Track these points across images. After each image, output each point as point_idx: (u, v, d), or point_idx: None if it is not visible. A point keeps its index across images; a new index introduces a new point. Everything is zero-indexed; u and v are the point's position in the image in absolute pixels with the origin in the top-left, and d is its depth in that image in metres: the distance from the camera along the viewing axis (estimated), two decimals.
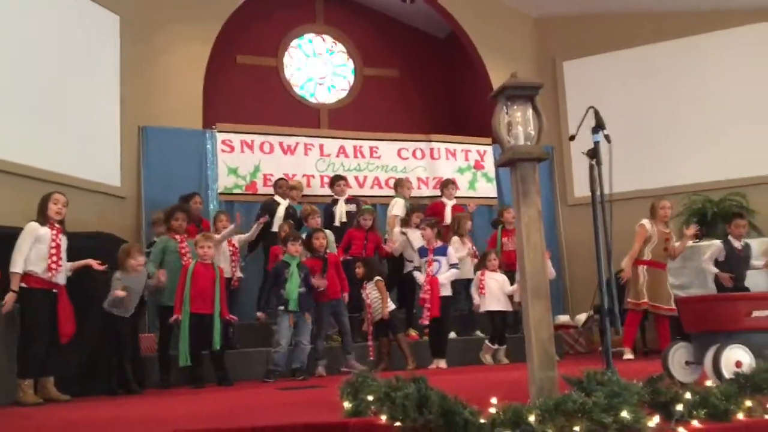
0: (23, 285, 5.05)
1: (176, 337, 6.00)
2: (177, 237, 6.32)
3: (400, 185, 8.46)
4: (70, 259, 5.39)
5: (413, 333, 7.29)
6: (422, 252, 6.97)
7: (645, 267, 6.69)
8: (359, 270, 6.80)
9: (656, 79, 9.38)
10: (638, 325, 6.82)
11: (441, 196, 8.53)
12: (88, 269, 5.51)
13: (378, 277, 6.83)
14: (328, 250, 6.79)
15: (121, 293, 5.52)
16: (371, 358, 6.60)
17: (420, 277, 6.88)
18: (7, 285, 5.05)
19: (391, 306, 6.79)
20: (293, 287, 6.11)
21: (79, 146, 7.15)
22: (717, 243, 7.03)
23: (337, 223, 7.73)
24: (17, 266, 5.02)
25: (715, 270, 6.86)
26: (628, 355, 6.57)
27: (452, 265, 6.92)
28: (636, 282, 6.66)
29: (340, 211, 7.87)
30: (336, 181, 8.14)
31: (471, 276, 7.34)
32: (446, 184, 8.54)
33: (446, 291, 6.81)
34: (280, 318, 6.10)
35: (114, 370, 5.58)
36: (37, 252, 5.09)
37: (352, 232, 7.43)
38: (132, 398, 5.17)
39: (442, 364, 6.65)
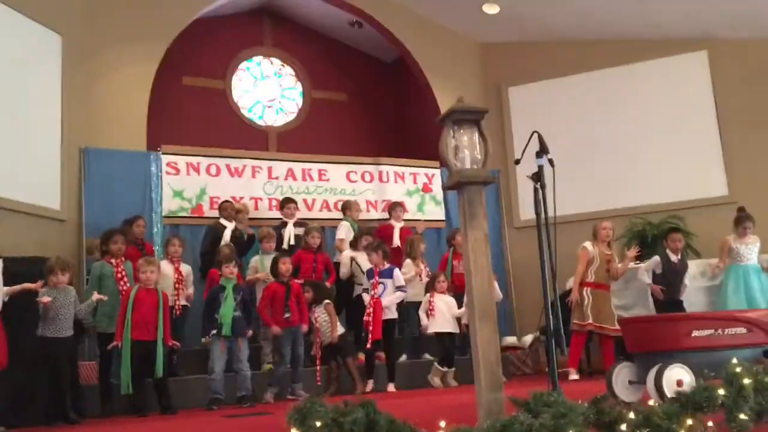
0: None
1: (117, 364, 5.85)
2: (113, 261, 6.17)
3: (348, 208, 8.46)
4: (7, 284, 5.19)
5: (362, 356, 7.25)
6: (370, 274, 6.97)
7: (589, 289, 6.83)
8: (308, 294, 6.74)
9: (598, 105, 9.65)
10: (583, 346, 6.96)
11: (389, 219, 8.56)
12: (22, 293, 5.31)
13: (327, 301, 6.78)
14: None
15: (46, 299, 5.35)
16: (319, 383, 6.53)
17: (368, 299, 6.86)
18: None
19: (341, 329, 6.75)
20: (228, 311, 6.01)
21: (16, 168, 6.91)
22: (655, 257, 7.27)
23: (285, 246, 7.67)
24: None
25: (649, 281, 7.12)
26: (574, 376, 6.67)
27: (398, 288, 6.94)
28: (581, 304, 6.80)
29: (289, 233, 7.81)
30: (286, 203, 8.09)
31: (420, 299, 7.36)
32: (394, 207, 8.59)
33: (391, 314, 6.82)
34: (213, 344, 5.99)
35: (52, 399, 5.35)
36: None
37: (300, 254, 7.37)
38: (71, 429, 4.98)
39: (391, 387, 6.63)
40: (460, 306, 7.05)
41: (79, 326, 6.07)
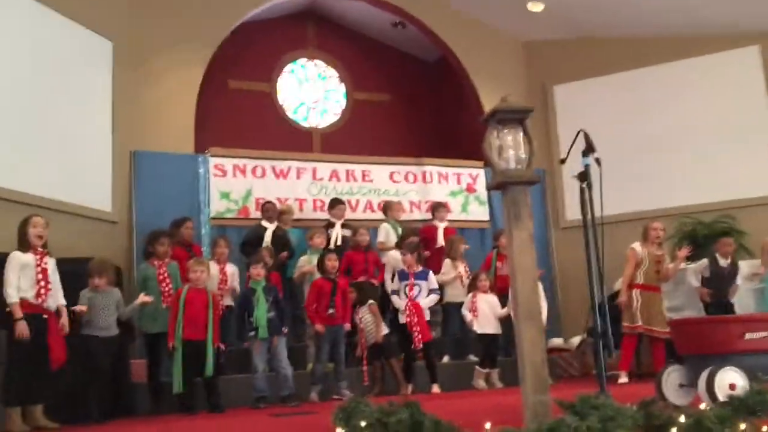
0: (9, 310, 4.99)
1: (166, 363, 5.98)
2: (156, 263, 6.29)
3: (389, 208, 8.46)
4: (65, 284, 5.35)
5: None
6: (402, 276, 6.95)
7: (638, 291, 6.70)
8: (352, 295, 6.78)
9: (646, 103, 9.46)
10: (634, 348, 6.80)
11: (432, 219, 8.55)
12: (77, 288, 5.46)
13: (371, 301, 6.80)
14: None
15: (79, 308, 5.47)
16: (366, 383, 6.55)
17: (398, 301, 6.85)
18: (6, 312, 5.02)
19: (385, 330, 6.76)
20: (261, 313, 6.06)
21: (70, 172, 7.13)
22: (704, 260, 7.10)
23: (332, 246, 7.71)
24: (13, 296, 4.97)
25: (697, 284, 6.96)
26: (624, 379, 6.54)
27: (432, 290, 6.93)
28: (630, 306, 6.67)
29: (336, 234, 7.86)
30: (336, 204, 8.15)
31: (462, 299, 7.32)
32: (437, 207, 8.57)
33: (426, 316, 6.81)
34: (252, 345, 6.07)
35: (92, 398, 5.43)
36: (24, 279, 5.04)
37: (350, 255, 7.40)
38: (126, 426, 5.11)
39: (436, 388, 6.62)
40: (503, 306, 7.00)
41: (128, 326, 6.23)
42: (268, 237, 7.58)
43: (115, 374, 5.72)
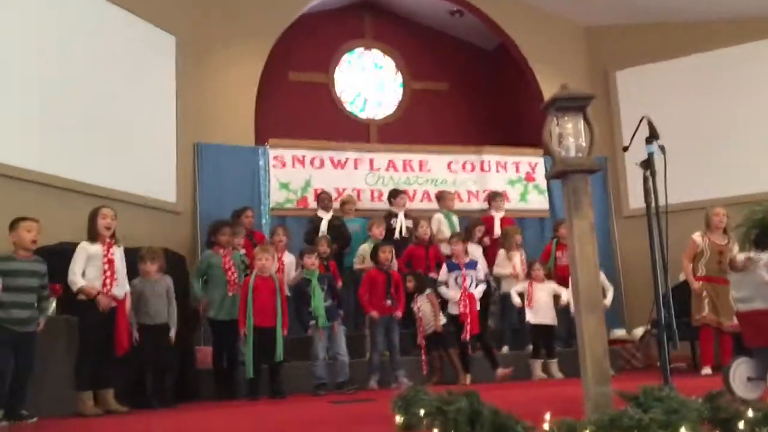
0: (82, 298, 5.19)
1: (228, 348, 6.13)
2: (221, 251, 6.42)
3: (441, 198, 8.44)
4: (130, 274, 5.52)
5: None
6: (451, 266, 6.93)
7: (704, 283, 6.48)
8: (410, 284, 6.80)
9: (711, 88, 9.15)
10: (712, 340, 6.54)
11: (489, 209, 8.48)
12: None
13: (429, 290, 6.81)
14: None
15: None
16: (424, 373, 6.58)
17: (450, 293, 6.82)
18: (67, 298, 5.22)
19: (443, 320, 6.76)
20: (318, 302, 6.16)
21: (135, 163, 7.35)
22: None
23: (397, 236, 7.75)
24: (78, 281, 5.16)
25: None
26: (707, 371, 6.34)
27: (479, 281, 6.91)
28: (698, 297, 6.45)
29: (401, 224, 7.89)
30: (397, 194, 8.17)
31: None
32: (494, 197, 8.49)
33: (477, 306, 6.80)
34: (314, 333, 6.16)
35: (152, 383, 5.53)
36: (91, 270, 5.22)
37: (412, 249, 7.42)
38: (189, 411, 5.26)
39: (500, 371, 6.62)
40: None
41: (194, 313, 6.41)
42: (324, 226, 7.67)
43: (173, 361, 5.79)
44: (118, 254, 5.40)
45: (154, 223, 7.46)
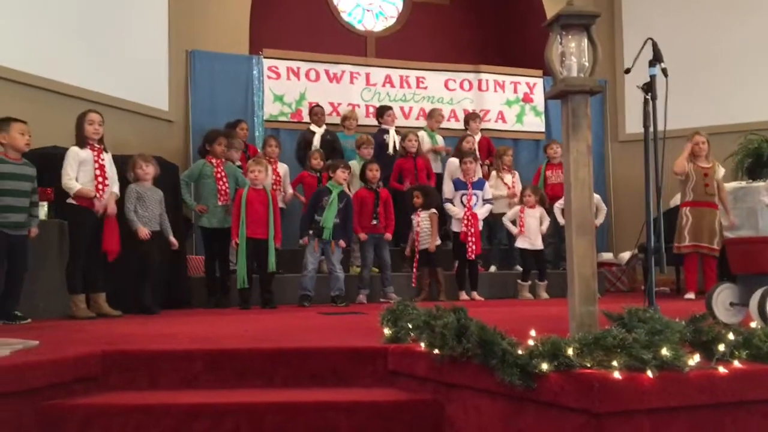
0: (72, 202, 5.17)
1: (220, 257, 6.21)
2: (213, 161, 6.39)
3: (429, 116, 8.35)
4: (121, 182, 5.49)
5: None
6: (458, 184, 6.94)
7: (688, 209, 6.53)
8: (418, 200, 6.76)
9: (718, 12, 8.94)
10: (696, 267, 6.61)
11: (466, 130, 8.36)
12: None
13: (433, 210, 6.82)
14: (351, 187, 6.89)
15: (143, 231, 5.50)
16: (414, 285, 6.67)
17: (455, 210, 6.86)
18: (59, 202, 5.21)
19: (438, 241, 6.80)
20: (330, 216, 6.16)
21: (127, 69, 7.20)
22: None
23: (390, 152, 7.71)
24: (75, 186, 5.12)
25: None
26: (690, 296, 6.46)
27: (486, 201, 6.95)
28: (680, 225, 6.54)
29: (393, 139, 7.83)
30: (385, 111, 8.07)
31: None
32: (472, 117, 8.37)
33: (479, 226, 6.90)
34: (309, 244, 6.20)
35: (145, 290, 5.57)
36: (83, 175, 5.17)
37: (400, 162, 7.42)
38: (181, 317, 5.35)
39: (476, 295, 6.74)
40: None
41: (186, 222, 6.42)
42: (316, 141, 7.60)
43: (166, 267, 5.87)
44: (107, 159, 5.34)
45: (146, 131, 7.39)
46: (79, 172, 5.17)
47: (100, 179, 5.22)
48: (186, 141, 8.07)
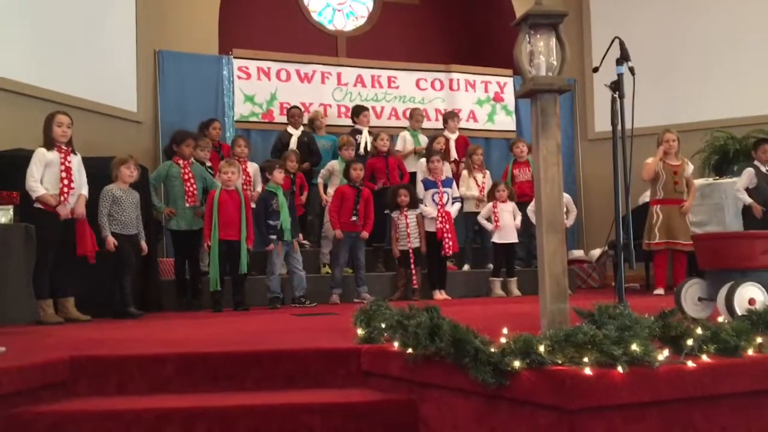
0: (38, 206, 5.08)
1: (190, 259, 6.15)
2: (180, 162, 6.32)
3: (411, 116, 8.36)
4: (89, 184, 5.41)
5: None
6: (428, 184, 6.97)
7: (658, 206, 6.60)
8: (405, 198, 6.73)
9: (683, 12, 9.08)
10: (665, 264, 6.67)
11: (444, 129, 8.38)
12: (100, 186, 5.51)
13: (419, 210, 6.83)
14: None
15: (110, 241, 5.44)
16: (398, 285, 6.70)
17: (428, 210, 6.88)
18: (24, 206, 5.11)
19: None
20: (285, 217, 6.16)
21: (94, 70, 7.10)
22: (749, 169, 6.79)
23: (362, 152, 7.69)
24: (38, 189, 5.04)
25: (749, 200, 6.66)
26: (659, 291, 6.54)
27: (455, 199, 7.00)
28: (650, 222, 6.60)
29: (365, 140, 7.82)
30: (360, 111, 8.06)
31: (480, 208, 7.36)
32: (450, 116, 8.39)
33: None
34: (275, 248, 6.16)
35: (116, 293, 5.50)
36: (48, 177, 5.10)
37: (372, 162, 7.42)
38: (152, 320, 5.29)
39: (444, 294, 6.76)
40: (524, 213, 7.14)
41: (157, 225, 6.34)
42: (293, 143, 7.56)
43: (137, 270, 5.81)
44: (75, 162, 5.27)
45: (114, 132, 7.29)
46: (44, 174, 5.09)
47: (65, 182, 5.14)
48: (155, 142, 7.97)
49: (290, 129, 7.77)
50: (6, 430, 2.49)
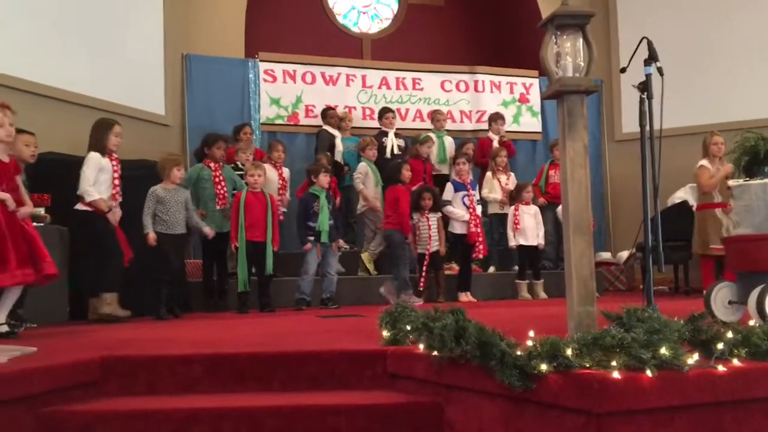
0: (85, 208, 5.17)
1: (219, 261, 6.20)
2: (211, 165, 6.37)
3: (432, 118, 8.36)
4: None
5: (455, 266, 7.29)
6: (457, 186, 6.97)
7: (720, 210, 6.39)
8: (429, 201, 6.71)
9: (712, 10, 8.94)
10: (713, 268, 6.40)
11: (488, 131, 8.40)
12: (135, 192, 5.60)
13: (440, 213, 6.83)
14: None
15: (152, 237, 5.56)
16: (421, 288, 6.66)
17: (458, 213, 6.86)
18: (57, 208, 5.20)
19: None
20: (324, 219, 6.18)
21: (123, 73, 7.19)
22: None
23: (388, 155, 7.70)
24: (93, 194, 5.14)
25: None
26: None
27: (477, 201, 6.99)
28: (714, 227, 6.18)
29: (392, 143, 7.83)
30: (385, 113, 8.07)
31: (505, 211, 7.34)
32: (494, 119, 8.38)
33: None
34: (312, 249, 6.18)
35: (161, 294, 5.59)
36: (101, 183, 5.22)
37: (411, 163, 7.39)
38: (181, 320, 5.35)
39: (470, 296, 6.76)
40: (545, 217, 7.16)
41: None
42: (339, 145, 7.63)
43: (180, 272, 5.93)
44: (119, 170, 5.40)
45: (142, 135, 7.36)
46: (97, 179, 5.19)
47: (117, 189, 5.29)
48: (183, 145, 8.05)
49: (330, 129, 7.83)
50: (38, 429, 2.54)
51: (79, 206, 5.19)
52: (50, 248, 5.10)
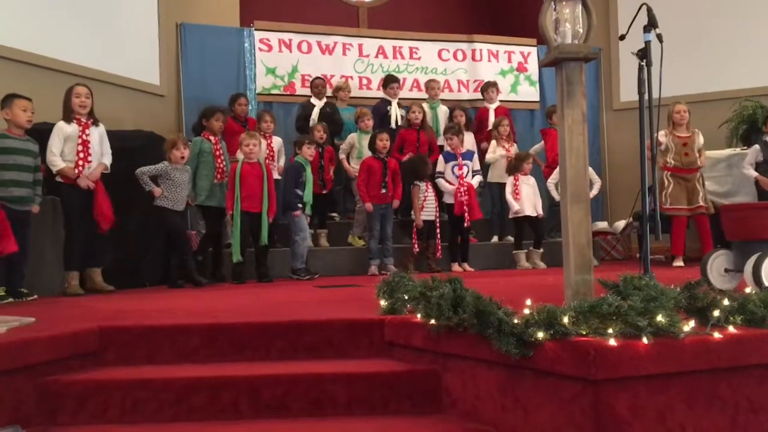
0: (60, 180, 5.15)
1: (218, 234, 6.21)
2: (211, 138, 6.33)
3: (426, 87, 8.28)
4: (114, 157, 5.46)
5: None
6: (448, 157, 6.93)
7: (668, 173, 6.59)
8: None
9: None
10: (684, 231, 6.70)
11: (483, 100, 8.35)
12: (131, 162, 5.57)
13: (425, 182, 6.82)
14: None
15: (157, 191, 5.62)
16: (415, 251, 6.69)
17: (446, 186, 6.85)
18: (52, 178, 5.18)
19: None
20: (309, 191, 6.24)
21: (117, 43, 7.11)
22: (755, 146, 6.83)
23: (393, 125, 7.65)
24: (58, 163, 5.11)
25: (755, 173, 6.70)
26: (678, 263, 6.54)
27: (475, 172, 6.95)
28: (660, 188, 6.55)
29: (396, 112, 7.77)
30: (390, 82, 7.98)
31: (506, 179, 7.30)
32: (486, 87, 8.33)
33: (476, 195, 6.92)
34: (301, 216, 6.24)
35: (176, 267, 5.70)
36: (68, 150, 5.16)
37: (404, 133, 7.36)
38: (178, 291, 5.36)
39: (467, 267, 6.78)
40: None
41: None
42: (315, 114, 7.53)
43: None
44: (96, 134, 5.31)
45: (138, 106, 7.32)
46: (65, 147, 5.15)
47: (81, 155, 5.18)
48: (178, 115, 8.00)
49: (313, 100, 7.74)
50: (39, 399, 2.55)
51: (57, 177, 5.17)
52: (43, 219, 5.14)
